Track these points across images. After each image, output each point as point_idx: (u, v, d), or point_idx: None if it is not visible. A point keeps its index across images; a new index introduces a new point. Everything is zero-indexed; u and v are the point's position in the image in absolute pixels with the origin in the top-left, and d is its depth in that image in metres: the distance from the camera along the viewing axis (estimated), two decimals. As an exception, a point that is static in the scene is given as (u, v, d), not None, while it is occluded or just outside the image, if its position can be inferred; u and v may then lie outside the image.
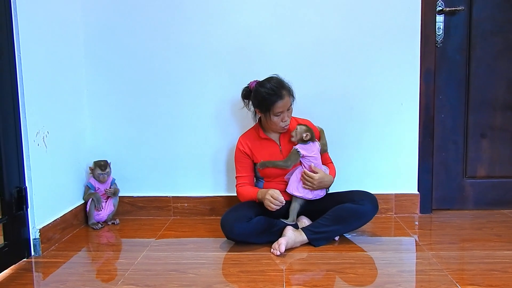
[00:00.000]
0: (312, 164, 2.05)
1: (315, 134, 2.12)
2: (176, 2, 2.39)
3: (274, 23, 2.38)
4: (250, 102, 2.18)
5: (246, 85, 2.18)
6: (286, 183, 2.12)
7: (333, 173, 2.18)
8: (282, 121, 2.07)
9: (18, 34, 1.82)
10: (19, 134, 1.86)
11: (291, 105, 2.09)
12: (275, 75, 2.11)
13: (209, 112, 2.47)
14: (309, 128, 2.08)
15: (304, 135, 2.05)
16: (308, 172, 2.03)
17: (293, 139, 2.09)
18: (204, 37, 2.41)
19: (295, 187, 2.07)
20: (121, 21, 2.42)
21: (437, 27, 2.38)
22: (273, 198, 1.94)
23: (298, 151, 2.05)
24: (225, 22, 2.39)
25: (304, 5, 2.36)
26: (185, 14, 2.39)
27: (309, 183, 2.03)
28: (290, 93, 2.07)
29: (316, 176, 2.02)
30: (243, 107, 2.25)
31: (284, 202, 1.97)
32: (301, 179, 2.06)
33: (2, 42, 1.75)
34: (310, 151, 2.06)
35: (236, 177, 2.23)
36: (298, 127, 2.07)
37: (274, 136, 2.19)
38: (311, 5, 2.36)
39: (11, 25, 1.80)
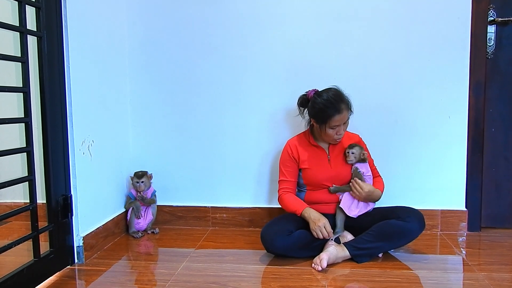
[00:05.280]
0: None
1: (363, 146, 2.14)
2: (219, 15, 2.40)
3: (319, 36, 2.35)
4: (306, 111, 2.15)
5: (304, 93, 2.14)
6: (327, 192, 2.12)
7: (381, 187, 2.12)
8: (336, 134, 2.04)
9: (68, 46, 1.86)
10: (66, 142, 1.90)
11: (348, 119, 2.05)
12: (334, 87, 2.06)
13: (249, 123, 2.46)
14: (361, 147, 2.10)
15: (361, 154, 2.08)
16: (359, 181, 2.02)
17: (352, 161, 2.08)
18: (245, 49, 2.41)
19: (348, 206, 2.05)
20: (165, 33, 2.45)
21: (488, 38, 2.28)
22: (326, 230, 1.92)
23: (359, 170, 2.06)
24: (269, 35, 2.38)
25: (350, 17, 2.32)
26: (225, 25, 2.40)
27: (357, 192, 2.02)
28: (349, 107, 2.03)
29: (365, 188, 2.00)
30: (297, 115, 2.20)
31: (333, 238, 1.97)
32: (350, 185, 2.05)
33: (53, 54, 1.79)
34: (366, 169, 2.08)
35: (279, 180, 2.19)
36: (355, 149, 2.07)
37: (324, 145, 2.16)
38: (357, 17, 2.32)
39: (62, 37, 1.84)
